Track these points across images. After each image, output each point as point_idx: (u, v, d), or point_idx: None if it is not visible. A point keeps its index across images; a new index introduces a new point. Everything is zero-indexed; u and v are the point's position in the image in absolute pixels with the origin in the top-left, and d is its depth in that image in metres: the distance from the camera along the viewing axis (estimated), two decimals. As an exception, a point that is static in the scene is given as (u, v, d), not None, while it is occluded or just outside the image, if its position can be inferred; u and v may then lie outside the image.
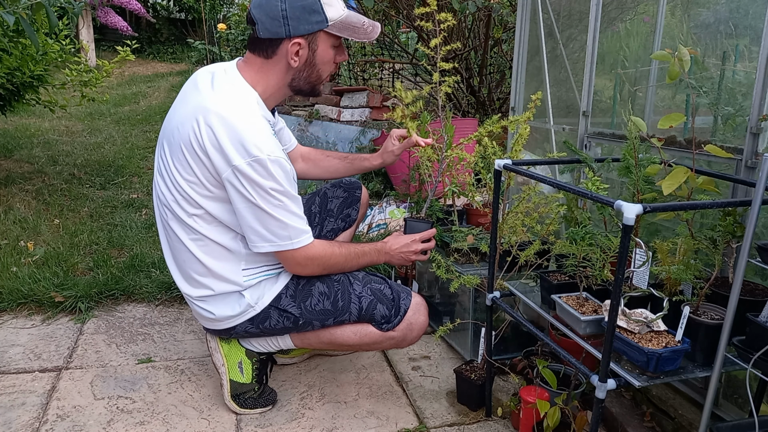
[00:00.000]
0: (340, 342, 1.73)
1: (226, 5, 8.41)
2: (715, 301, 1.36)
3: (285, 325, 1.67)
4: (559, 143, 2.33)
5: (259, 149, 1.46)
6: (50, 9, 2.19)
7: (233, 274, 1.62)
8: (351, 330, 1.70)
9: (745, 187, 1.47)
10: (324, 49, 1.60)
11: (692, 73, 1.73)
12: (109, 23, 3.04)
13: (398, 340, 1.72)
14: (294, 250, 1.57)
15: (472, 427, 1.74)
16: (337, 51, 1.63)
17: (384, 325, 1.69)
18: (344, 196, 2.06)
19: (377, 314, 1.68)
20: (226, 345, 1.77)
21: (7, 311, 2.30)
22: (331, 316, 1.68)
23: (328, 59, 1.62)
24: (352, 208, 2.08)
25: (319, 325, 1.69)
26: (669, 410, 1.64)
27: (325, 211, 2.05)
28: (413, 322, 1.70)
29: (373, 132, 4.22)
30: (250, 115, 1.51)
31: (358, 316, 1.68)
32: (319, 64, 1.61)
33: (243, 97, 1.55)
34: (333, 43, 1.60)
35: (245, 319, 1.66)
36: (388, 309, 1.68)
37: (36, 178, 3.85)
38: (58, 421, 1.68)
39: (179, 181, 1.55)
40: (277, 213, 1.52)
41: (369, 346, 1.75)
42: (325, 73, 1.65)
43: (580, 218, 1.53)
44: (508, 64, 4.30)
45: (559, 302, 1.46)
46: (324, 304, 1.67)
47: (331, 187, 2.08)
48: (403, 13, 4.17)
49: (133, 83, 8.02)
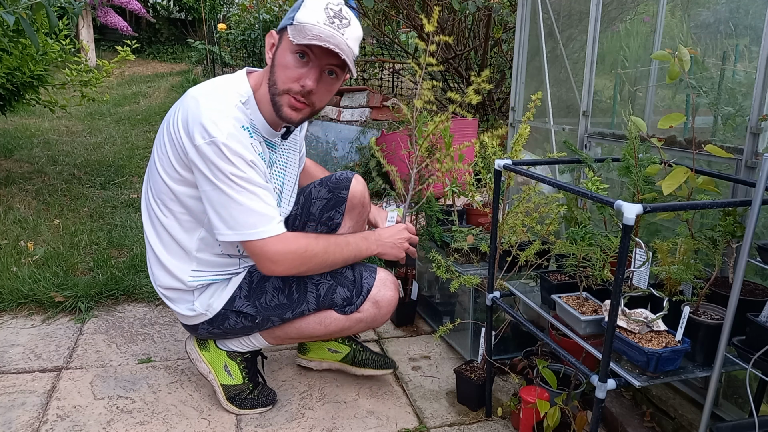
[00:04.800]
0: (309, 334, 1.69)
1: (226, 5, 8.41)
2: (715, 301, 1.36)
3: (245, 324, 1.65)
4: (559, 143, 2.33)
5: (219, 130, 1.41)
6: (50, 9, 2.19)
7: (181, 272, 1.60)
8: (314, 320, 1.66)
9: (745, 187, 1.47)
10: (284, 49, 1.46)
11: (692, 73, 1.73)
12: (109, 23, 3.04)
13: (368, 321, 1.66)
14: (262, 241, 1.45)
15: (472, 427, 1.74)
16: (299, 64, 1.45)
17: (346, 308, 1.63)
18: (328, 197, 1.81)
19: (337, 298, 1.62)
20: (206, 353, 1.76)
21: (7, 311, 2.30)
22: (289, 309, 1.63)
23: (284, 64, 1.45)
24: (335, 210, 1.81)
25: (279, 321, 1.65)
26: (669, 410, 1.64)
27: (307, 213, 1.81)
28: (379, 299, 1.64)
29: (373, 132, 4.22)
30: (222, 101, 1.47)
31: (317, 305, 1.63)
32: (278, 66, 1.47)
33: (226, 87, 1.52)
34: (291, 48, 1.44)
35: (202, 321, 1.66)
36: (348, 291, 1.62)
37: (36, 178, 3.85)
38: (58, 421, 1.68)
39: (156, 162, 1.56)
40: (240, 197, 1.43)
41: (340, 333, 1.69)
42: (282, 82, 1.46)
43: (580, 218, 1.53)
44: (508, 64, 4.30)
45: (559, 302, 1.46)
46: (279, 299, 1.62)
47: (316, 186, 1.83)
48: (403, 13, 4.17)
49: (133, 83, 8.02)
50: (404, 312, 2.32)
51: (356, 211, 1.82)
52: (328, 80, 1.50)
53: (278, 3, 5.10)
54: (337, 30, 1.41)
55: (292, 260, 1.50)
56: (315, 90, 1.47)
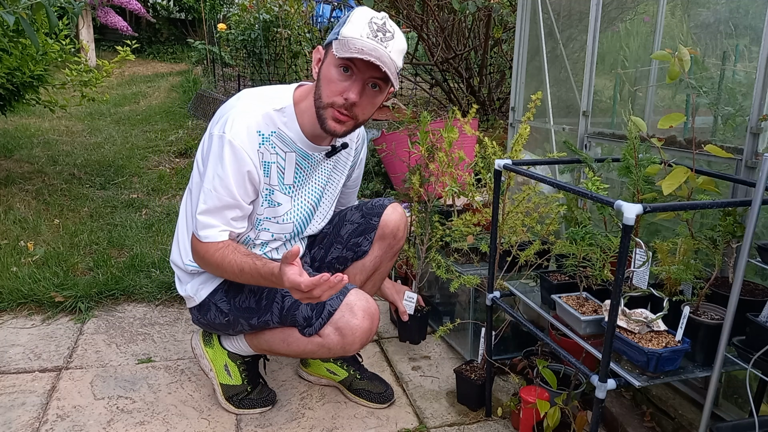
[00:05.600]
0: (276, 350, 1.64)
1: (226, 5, 8.41)
2: (715, 301, 1.36)
3: (220, 320, 1.66)
4: (559, 143, 2.33)
5: (231, 129, 1.48)
6: (50, 9, 2.19)
7: (185, 252, 1.65)
8: (279, 336, 1.60)
9: (745, 187, 1.47)
10: (328, 63, 1.47)
11: (692, 73, 1.73)
12: (109, 23, 3.04)
13: (334, 348, 1.53)
14: (194, 238, 1.53)
15: (472, 427, 1.74)
16: (342, 77, 1.45)
17: (306, 329, 1.53)
18: (359, 222, 1.78)
19: (299, 316, 1.54)
20: (210, 350, 1.77)
21: (7, 311, 2.30)
22: (255, 315, 1.59)
23: (329, 78, 1.47)
24: (363, 237, 1.77)
25: (246, 325, 1.63)
26: (669, 410, 1.64)
27: (336, 234, 1.79)
28: (342, 326, 1.50)
29: (373, 132, 4.22)
30: (255, 105, 1.53)
31: (279, 317, 1.57)
32: (323, 80, 1.48)
33: (270, 94, 1.58)
34: (335, 62, 1.45)
35: (192, 306, 1.70)
36: (311, 310, 1.52)
37: (36, 178, 3.85)
38: (58, 421, 1.68)
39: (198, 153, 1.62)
40: (204, 196, 1.49)
41: (304, 355, 1.61)
42: (327, 96, 1.47)
43: (580, 218, 1.53)
44: (508, 64, 4.30)
45: (559, 302, 1.46)
46: (249, 302, 1.60)
47: (352, 209, 1.83)
48: (403, 13, 4.17)
49: (133, 83, 8.02)
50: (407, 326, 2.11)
51: (387, 241, 1.79)
52: (371, 93, 1.50)
53: (278, 3, 5.10)
54: (380, 43, 1.43)
55: (205, 267, 1.58)
56: (358, 103, 1.48)
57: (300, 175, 1.63)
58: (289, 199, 1.63)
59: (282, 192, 1.61)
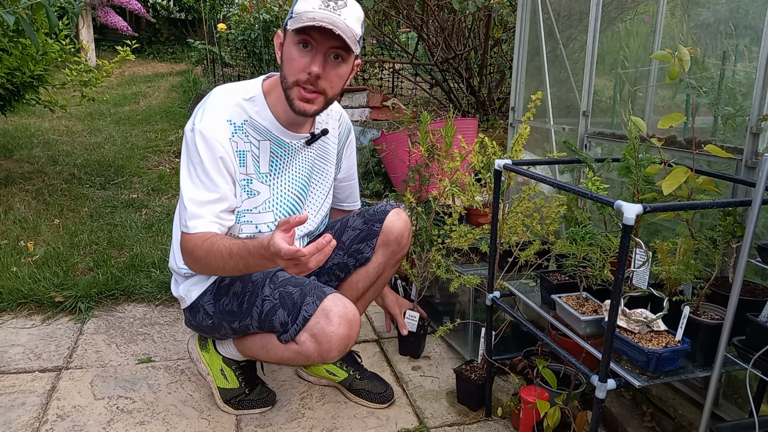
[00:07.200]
0: (258, 356, 1.63)
1: (226, 5, 8.41)
2: (715, 301, 1.36)
3: (207, 323, 1.64)
4: (559, 143, 2.33)
5: (201, 120, 1.49)
6: (50, 9, 2.19)
7: (180, 256, 1.59)
8: (259, 342, 1.58)
9: (745, 187, 1.47)
10: (288, 44, 1.47)
11: (692, 73, 1.73)
12: (109, 23, 3.04)
13: (311, 356, 1.46)
14: (184, 233, 1.48)
15: (472, 427, 1.74)
16: (302, 53, 1.44)
17: (282, 335, 1.49)
18: (361, 228, 1.75)
19: (276, 321, 1.49)
20: (206, 354, 1.77)
21: (7, 311, 2.30)
22: (236, 319, 1.57)
23: (290, 57, 1.46)
24: (365, 243, 1.74)
25: (229, 329, 1.60)
26: (669, 410, 1.64)
27: (338, 241, 1.74)
28: (317, 333, 1.43)
29: (373, 132, 4.22)
30: (225, 97, 1.55)
31: (258, 322, 1.53)
32: (285, 61, 1.48)
33: (238, 86, 1.59)
34: (294, 40, 1.44)
35: (184, 307, 1.70)
36: (288, 314, 1.47)
37: (36, 178, 3.85)
38: (58, 421, 1.68)
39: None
40: (186, 187, 1.48)
41: (282, 362, 1.57)
42: (290, 75, 1.47)
43: (580, 218, 1.53)
44: (508, 64, 4.30)
45: (559, 302, 1.46)
46: (232, 305, 1.58)
47: (355, 215, 1.80)
48: (403, 13, 4.17)
49: (133, 83, 8.02)
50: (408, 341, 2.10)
51: (391, 248, 1.75)
52: (334, 63, 1.48)
53: (278, 3, 5.10)
54: (333, 11, 1.41)
55: (195, 264, 1.50)
56: (322, 75, 1.46)
57: (276, 163, 1.62)
58: (267, 187, 1.61)
59: (259, 180, 1.60)
